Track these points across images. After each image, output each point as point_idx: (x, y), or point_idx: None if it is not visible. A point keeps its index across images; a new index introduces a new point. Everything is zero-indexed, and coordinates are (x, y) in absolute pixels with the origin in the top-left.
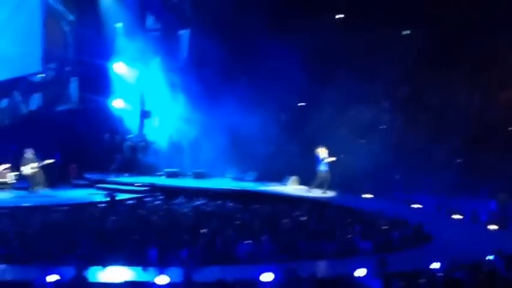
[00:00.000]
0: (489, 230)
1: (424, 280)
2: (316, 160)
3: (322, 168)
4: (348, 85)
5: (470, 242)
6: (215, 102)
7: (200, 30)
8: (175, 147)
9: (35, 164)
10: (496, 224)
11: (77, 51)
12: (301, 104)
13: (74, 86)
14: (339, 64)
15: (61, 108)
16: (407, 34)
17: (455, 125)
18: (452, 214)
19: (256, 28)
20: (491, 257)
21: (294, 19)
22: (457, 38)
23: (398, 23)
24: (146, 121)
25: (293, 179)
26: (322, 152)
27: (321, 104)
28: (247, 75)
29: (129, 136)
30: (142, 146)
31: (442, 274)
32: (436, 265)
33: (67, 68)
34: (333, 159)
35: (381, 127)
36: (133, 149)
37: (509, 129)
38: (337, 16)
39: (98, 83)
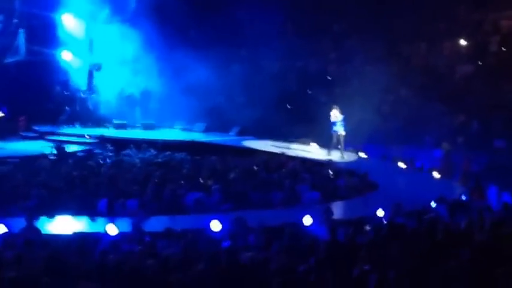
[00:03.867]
0: (433, 178)
1: (369, 227)
2: (331, 123)
3: (336, 129)
4: (297, 38)
5: (415, 190)
6: (165, 53)
7: None
8: (125, 99)
9: None
10: (440, 172)
11: (24, 3)
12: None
13: (21, 38)
14: (287, 17)
15: (9, 60)
16: None
17: (402, 75)
18: (397, 163)
19: None
20: (434, 204)
21: None
22: None
23: None
24: (96, 73)
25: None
26: (335, 114)
27: (269, 56)
28: (197, 25)
29: (79, 88)
30: (92, 98)
31: (386, 220)
32: (381, 212)
33: (14, 20)
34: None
35: (328, 78)
36: (83, 101)
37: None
38: None
39: (46, 35)
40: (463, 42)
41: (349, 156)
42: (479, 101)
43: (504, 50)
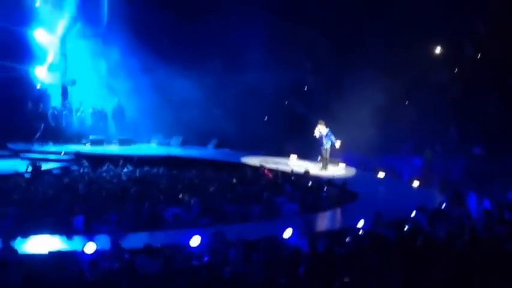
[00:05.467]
0: (413, 187)
1: (349, 237)
2: (319, 138)
3: (325, 144)
4: (270, 47)
5: (395, 199)
6: (139, 67)
7: None
8: (100, 114)
9: None
10: (420, 181)
11: None
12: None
13: None
14: (259, 27)
15: None
16: None
17: (376, 82)
18: (376, 172)
19: None
20: (414, 213)
21: None
22: None
23: None
24: (70, 89)
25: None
26: (321, 128)
27: (244, 66)
28: (171, 38)
29: (53, 105)
30: (66, 114)
31: (366, 231)
32: (361, 223)
33: None
34: (339, 142)
35: (304, 89)
36: (57, 117)
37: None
38: None
39: (17, 50)
40: (439, 48)
41: (330, 168)
42: (456, 108)
43: (480, 56)
